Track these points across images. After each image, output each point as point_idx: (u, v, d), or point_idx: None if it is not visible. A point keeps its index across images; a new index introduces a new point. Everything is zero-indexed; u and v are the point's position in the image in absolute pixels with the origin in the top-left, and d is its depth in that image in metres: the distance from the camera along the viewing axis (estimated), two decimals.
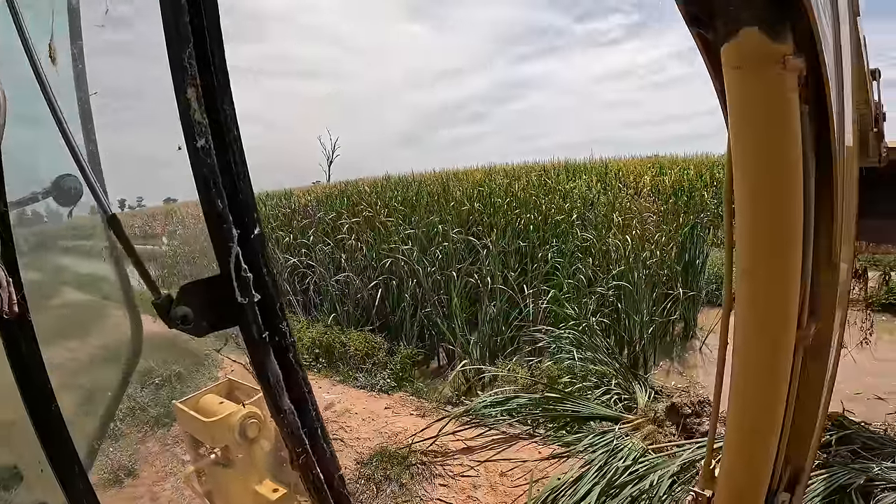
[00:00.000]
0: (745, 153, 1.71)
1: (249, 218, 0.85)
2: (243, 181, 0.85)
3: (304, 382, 0.97)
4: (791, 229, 1.74)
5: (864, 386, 9.15)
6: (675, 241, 13.77)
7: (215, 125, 0.81)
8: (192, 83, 0.79)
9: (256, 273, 0.87)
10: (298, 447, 1.00)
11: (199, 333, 0.87)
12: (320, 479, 1.06)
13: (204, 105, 0.80)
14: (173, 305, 0.85)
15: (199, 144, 0.79)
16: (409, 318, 12.53)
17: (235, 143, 0.83)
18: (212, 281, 0.86)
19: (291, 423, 0.98)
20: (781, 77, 1.56)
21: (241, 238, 0.84)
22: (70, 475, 1.51)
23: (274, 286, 0.90)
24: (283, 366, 0.94)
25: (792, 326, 1.94)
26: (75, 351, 2.76)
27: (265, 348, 0.91)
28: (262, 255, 0.88)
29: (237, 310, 0.87)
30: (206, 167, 0.80)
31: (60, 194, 1.83)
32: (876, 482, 5.57)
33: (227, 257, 0.83)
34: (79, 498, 1.52)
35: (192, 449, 2.67)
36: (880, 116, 4.04)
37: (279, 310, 0.91)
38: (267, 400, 0.95)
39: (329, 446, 1.07)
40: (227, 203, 0.82)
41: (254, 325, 0.88)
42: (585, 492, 5.85)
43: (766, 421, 2.18)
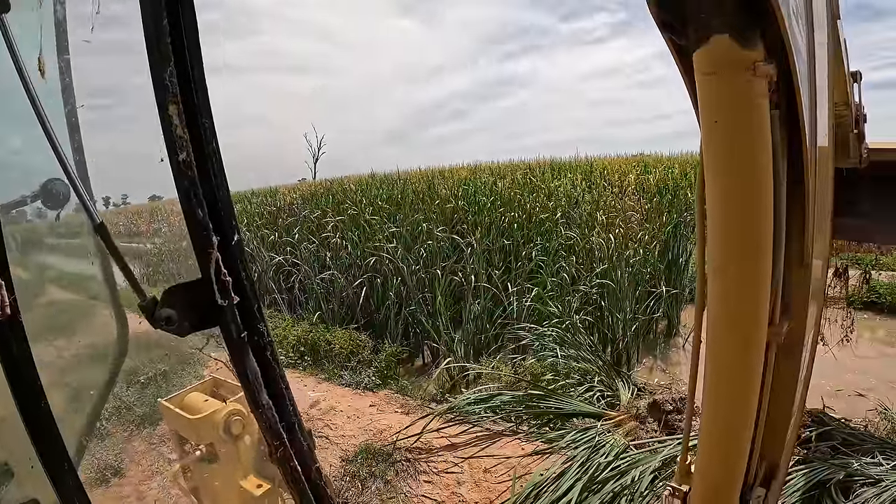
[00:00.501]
0: (716, 157, 1.76)
1: (228, 225, 0.91)
2: (222, 191, 0.90)
3: (281, 379, 1.03)
4: (761, 231, 1.80)
5: (845, 383, 9.26)
6: (659, 239, 13.86)
7: (195, 139, 0.87)
8: (173, 100, 0.84)
9: (235, 277, 0.93)
10: (276, 440, 1.06)
11: (182, 333, 0.93)
12: (298, 471, 1.12)
13: (185, 120, 0.86)
14: (157, 307, 0.91)
15: (181, 158, 0.85)
16: (394, 316, 12.56)
17: (214, 155, 0.89)
18: (194, 284, 0.92)
19: (269, 417, 1.04)
20: (751, 83, 1.61)
21: (221, 244, 0.90)
22: (60, 471, 1.56)
23: (252, 289, 0.96)
24: (261, 363, 1.00)
25: (763, 324, 2.00)
26: (62, 349, 2.79)
27: (244, 347, 0.97)
28: (240, 260, 0.94)
29: (217, 311, 0.93)
30: (188, 179, 0.86)
31: (48, 198, 1.87)
32: (855, 477, 5.63)
33: (208, 262, 0.89)
34: (69, 493, 1.57)
35: (178, 446, 2.72)
36: (861, 118, 4.09)
37: (257, 311, 0.97)
38: (246, 396, 1.01)
39: (306, 440, 1.13)
40: (207, 212, 0.88)
41: (233, 326, 0.95)
42: (568, 487, 5.90)
43: (740, 416, 2.24)
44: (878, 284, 13.10)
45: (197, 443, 2.56)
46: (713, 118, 1.70)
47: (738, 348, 2.04)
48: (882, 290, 13.25)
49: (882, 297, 13.22)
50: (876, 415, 7.28)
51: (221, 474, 2.59)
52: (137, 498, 6.91)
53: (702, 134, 1.78)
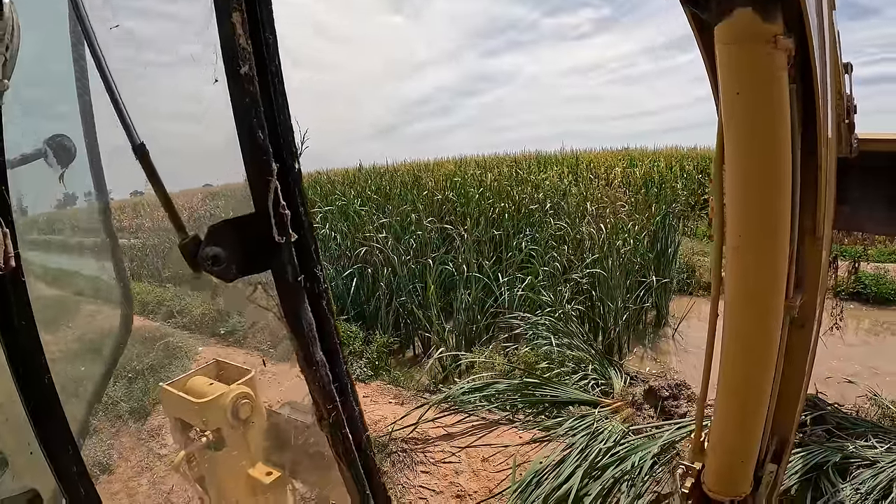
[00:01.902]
0: (736, 128, 1.71)
1: (288, 152, 0.80)
2: (283, 113, 0.79)
3: (336, 334, 0.92)
4: (781, 204, 1.75)
5: (834, 370, 9.34)
6: (648, 230, 13.88)
7: (258, 54, 0.76)
8: (237, 8, 0.73)
9: (294, 211, 0.82)
10: (329, 404, 0.95)
11: (227, 277, 0.81)
12: (349, 439, 1.01)
13: (248, 31, 0.74)
14: (202, 246, 0.79)
15: (243, 71, 0.74)
16: (385, 306, 12.45)
17: (277, 73, 0.78)
18: (246, 219, 0.80)
19: (322, 377, 0.92)
20: (772, 56, 1.57)
21: (280, 172, 0.79)
22: (64, 457, 1.43)
23: (310, 227, 0.85)
24: (316, 314, 0.89)
25: (780, 296, 1.96)
26: (63, 332, 2.68)
27: (300, 293, 0.85)
28: (299, 191, 0.82)
29: (272, 251, 0.82)
30: (249, 95, 0.75)
31: (57, 151, 1.75)
32: (852, 460, 5.67)
33: (266, 192, 0.78)
34: (73, 481, 1.45)
35: (181, 433, 2.59)
36: (851, 108, 4.12)
37: (314, 252, 0.86)
38: (298, 351, 0.89)
39: (357, 404, 1.02)
40: (267, 135, 0.77)
41: (289, 268, 0.83)
42: (569, 474, 5.87)
43: (757, 390, 2.21)
44: (864, 276, 13.34)
45: (203, 429, 2.45)
46: (735, 90, 1.65)
47: (756, 322, 2.01)
48: (868, 281, 13.44)
49: (868, 287, 13.44)
50: (866, 400, 7.33)
51: (228, 462, 2.48)
52: (127, 495, 6.80)
53: (722, 108, 1.74)
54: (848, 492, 5.27)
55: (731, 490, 2.54)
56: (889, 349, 11.02)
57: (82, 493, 1.33)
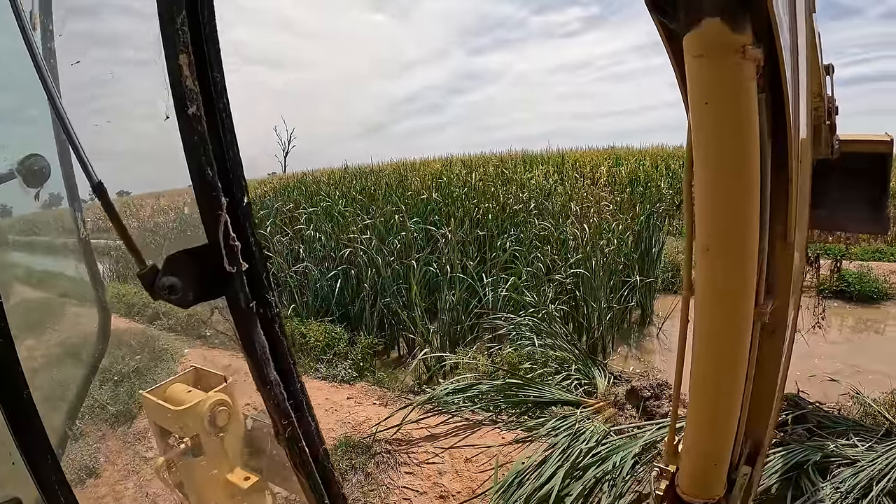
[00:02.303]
0: (705, 138, 1.75)
1: (237, 186, 0.85)
2: (232, 149, 0.84)
3: (289, 354, 0.97)
4: (749, 209, 1.79)
5: (817, 368, 9.41)
6: (632, 229, 13.94)
7: (205, 93, 0.81)
8: (183, 50, 0.78)
9: (244, 242, 0.87)
10: (284, 420, 1.00)
11: (185, 305, 0.86)
12: (306, 452, 1.06)
13: (195, 72, 0.79)
14: (159, 276, 0.84)
15: (191, 111, 0.78)
16: (369, 307, 12.44)
17: (225, 111, 0.83)
18: (199, 250, 0.85)
19: (277, 395, 0.97)
20: (741, 66, 1.60)
21: (229, 206, 0.84)
22: (43, 466, 1.47)
23: (261, 256, 0.90)
24: (269, 337, 0.94)
25: (750, 302, 2.00)
26: (42, 341, 2.70)
27: (252, 318, 0.90)
28: (249, 224, 0.87)
29: (224, 279, 0.87)
30: (197, 134, 0.79)
31: (29, 174, 1.78)
32: (832, 458, 5.74)
33: (216, 226, 0.83)
34: (52, 489, 1.48)
35: (161, 439, 2.63)
36: (833, 109, 4.16)
37: (266, 279, 0.91)
38: (253, 371, 0.95)
39: (313, 420, 1.07)
40: (216, 171, 0.82)
41: (241, 295, 0.88)
42: (550, 474, 5.92)
43: (728, 394, 2.24)
44: (847, 274, 13.42)
45: (181, 435, 2.48)
46: (703, 100, 1.69)
47: (726, 326, 2.04)
48: (851, 280, 13.55)
49: (851, 285, 13.53)
50: (848, 399, 7.38)
51: (207, 467, 2.51)
52: (114, 498, 6.80)
53: (691, 117, 1.77)
54: (828, 491, 5.33)
55: (705, 493, 2.55)
56: (872, 347, 11.12)
57: (62, 501, 1.36)
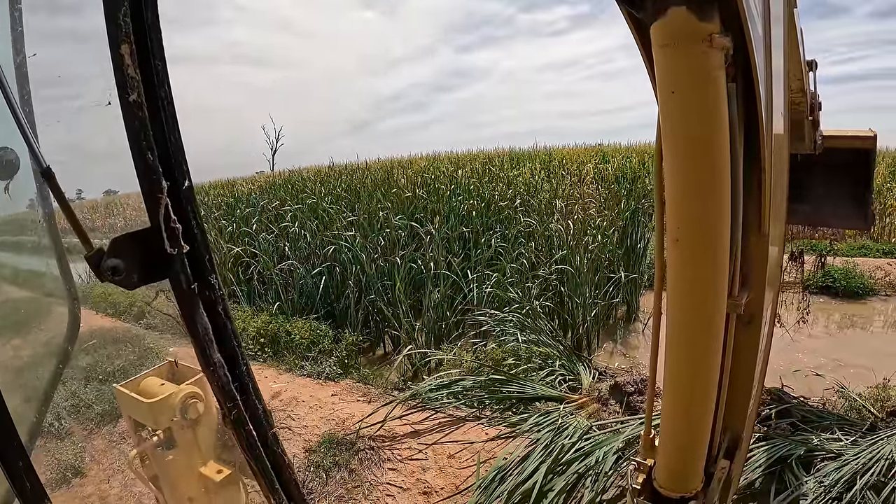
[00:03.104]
0: (673, 127, 1.76)
1: (179, 171, 0.87)
2: (174, 135, 0.86)
3: (234, 336, 0.98)
4: (719, 198, 1.80)
5: (801, 363, 9.48)
6: (617, 226, 13.98)
7: (147, 81, 0.82)
8: (125, 40, 0.80)
9: (186, 224, 0.88)
10: (229, 402, 1.01)
11: (129, 286, 0.88)
12: (253, 436, 1.07)
13: (137, 61, 0.81)
14: (104, 258, 0.86)
15: (132, 98, 0.80)
16: (354, 305, 12.42)
17: (167, 97, 0.85)
18: (142, 233, 0.87)
19: (221, 377, 0.98)
20: (708, 54, 1.62)
21: (170, 190, 0.85)
22: (8, 452, 1.47)
23: (203, 239, 0.91)
24: (212, 318, 0.95)
25: (722, 292, 2.01)
26: (10, 332, 2.70)
27: (194, 300, 0.92)
28: (191, 207, 0.89)
29: (167, 261, 0.88)
30: (138, 120, 0.81)
31: None
32: (816, 452, 5.77)
33: (157, 209, 0.85)
34: (18, 475, 1.49)
35: (135, 432, 2.63)
36: (816, 105, 4.18)
37: (208, 262, 0.93)
38: (197, 353, 0.96)
39: (261, 403, 1.08)
40: (157, 155, 0.83)
41: (182, 277, 0.90)
42: (532, 470, 5.93)
43: (702, 386, 2.24)
44: (832, 269, 13.56)
45: (154, 428, 2.48)
46: (670, 89, 1.70)
47: (697, 316, 2.05)
48: (837, 275, 13.67)
49: (837, 281, 13.66)
50: (833, 393, 7.43)
51: (180, 460, 2.51)
52: (99, 497, 6.77)
53: (659, 107, 1.79)
54: (812, 485, 5.36)
55: (682, 486, 2.54)
56: (856, 342, 11.21)
57: (28, 487, 1.37)
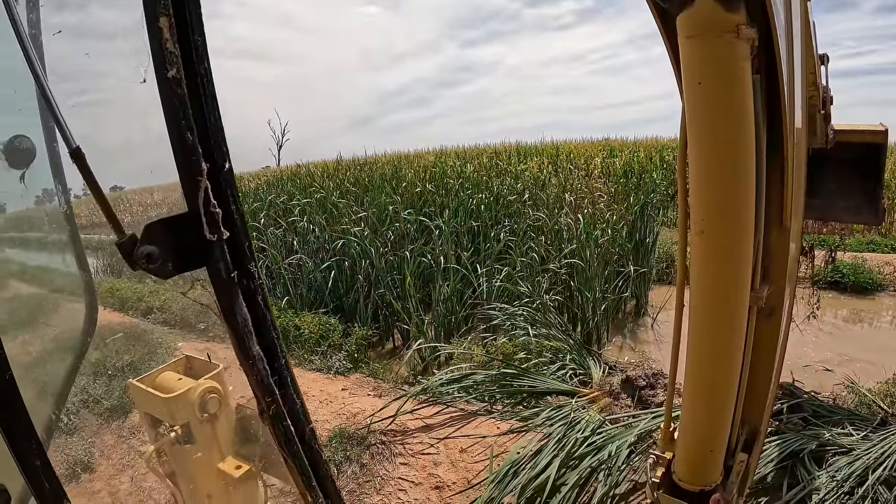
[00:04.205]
0: (699, 119, 1.72)
1: (219, 152, 0.82)
2: (213, 114, 0.81)
3: (273, 328, 0.94)
4: (744, 191, 1.77)
5: (808, 357, 9.43)
6: (626, 220, 13.93)
7: (186, 57, 0.78)
8: (164, 12, 0.75)
9: (226, 210, 0.84)
10: (268, 397, 0.97)
11: (163, 275, 0.83)
12: (291, 432, 1.02)
13: (176, 35, 0.76)
14: (137, 245, 0.81)
15: (171, 74, 0.75)
16: (363, 299, 12.40)
17: (206, 75, 0.80)
18: (178, 219, 0.82)
19: (260, 370, 0.94)
20: (734, 45, 1.58)
21: (210, 172, 0.81)
22: (27, 451, 1.44)
23: (243, 224, 0.87)
24: (251, 309, 0.91)
25: (745, 285, 1.98)
26: (28, 330, 2.67)
27: (234, 289, 0.87)
28: (231, 191, 0.84)
29: (205, 249, 0.84)
30: (177, 97, 0.76)
31: (13, 155, 1.74)
32: (827, 447, 5.74)
33: (196, 192, 0.80)
34: (37, 475, 1.45)
35: (151, 428, 2.59)
36: (827, 99, 4.14)
37: (248, 249, 0.88)
38: (235, 345, 0.91)
39: (299, 397, 1.03)
40: (196, 135, 0.79)
41: (222, 265, 0.85)
42: (545, 464, 5.90)
43: (724, 379, 2.22)
44: (842, 265, 13.45)
45: (171, 424, 2.44)
46: (696, 80, 1.66)
47: (721, 310, 2.02)
48: (846, 270, 13.55)
49: (846, 276, 13.54)
50: (843, 388, 7.38)
51: (198, 456, 2.48)
52: (109, 493, 6.76)
53: (684, 98, 1.75)
54: (824, 479, 5.32)
55: (701, 480, 2.53)
56: (864, 337, 11.14)
57: (46, 487, 1.33)
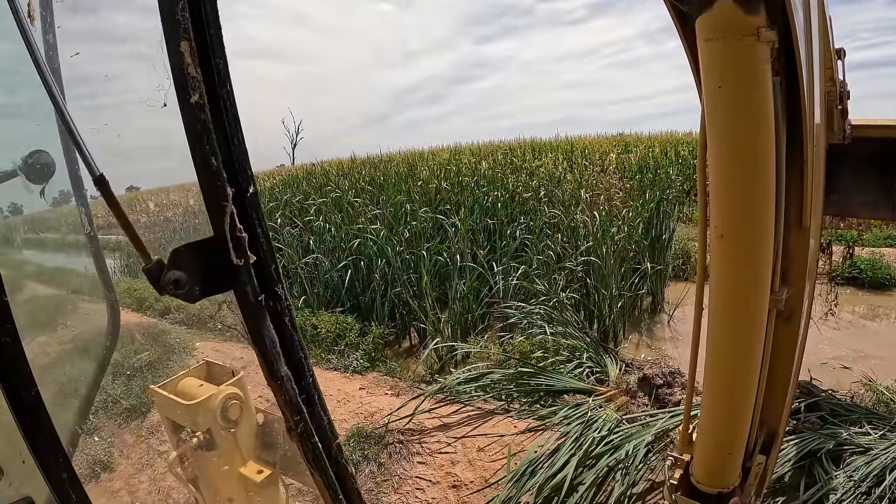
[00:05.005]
0: (720, 122, 1.72)
1: (244, 176, 0.82)
2: (237, 138, 0.81)
3: (300, 348, 0.94)
4: (764, 195, 1.76)
5: (829, 355, 9.35)
6: (642, 216, 13.85)
7: (208, 81, 0.78)
8: (185, 37, 0.75)
9: (252, 234, 0.84)
10: (296, 415, 0.97)
11: (191, 299, 0.83)
12: (318, 448, 1.03)
13: (198, 59, 0.76)
14: (164, 270, 0.81)
15: (194, 100, 0.75)
16: (380, 297, 12.40)
17: (229, 98, 0.80)
18: (205, 243, 0.82)
19: (288, 390, 0.95)
20: (755, 48, 1.57)
21: (235, 197, 0.81)
22: (54, 464, 1.45)
23: (269, 247, 0.87)
24: (279, 331, 0.91)
25: (765, 289, 1.97)
26: (51, 337, 2.69)
27: (261, 312, 0.88)
28: (257, 214, 0.84)
29: (232, 272, 0.84)
30: (200, 123, 0.76)
31: (32, 171, 1.76)
32: (845, 447, 5.69)
33: (223, 217, 0.80)
34: (63, 488, 1.46)
35: (173, 434, 2.61)
36: (845, 94, 4.11)
37: (275, 272, 0.88)
38: (263, 366, 0.92)
39: (326, 414, 1.04)
40: (221, 160, 0.79)
41: (249, 288, 0.85)
42: (563, 463, 5.89)
43: (743, 382, 2.21)
44: (859, 260, 13.29)
45: (193, 430, 2.46)
46: (716, 84, 1.66)
47: (741, 314, 2.01)
48: (864, 266, 13.40)
49: (863, 272, 13.38)
50: (861, 386, 7.32)
51: (220, 462, 2.49)
52: (129, 492, 6.83)
53: (704, 102, 1.74)
54: (841, 479, 5.29)
55: (719, 482, 2.53)
56: (882, 334, 11.01)
57: (73, 499, 1.34)
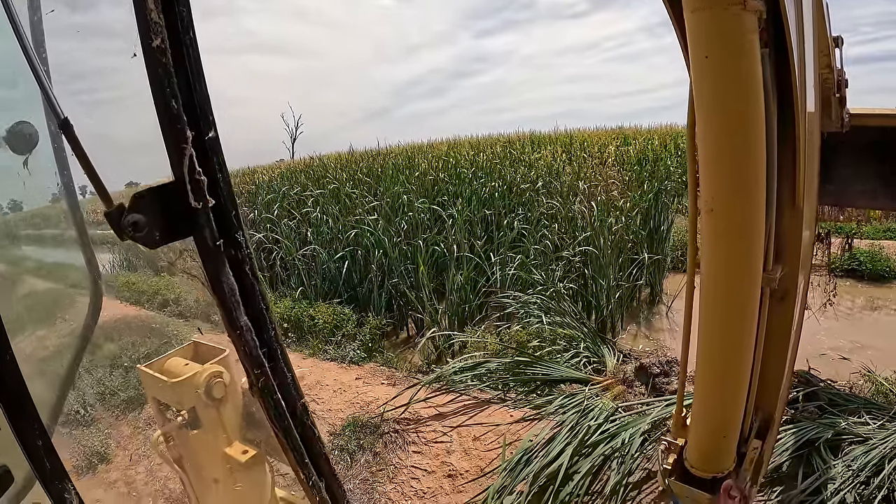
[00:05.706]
0: (707, 93, 1.70)
1: (204, 120, 0.81)
2: (199, 83, 0.80)
3: (261, 299, 0.93)
4: (754, 166, 1.74)
5: (827, 346, 9.35)
6: (641, 207, 13.84)
7: (171, 26, 0.77)
8: None
9: (212, 178, 0.83)
10: (257, 369, 0.95)
11: (150, 243, 0.82)
12: (282, 406, 1.01)
13: (161, 5, 0.76)
14: (124, 214, 0.80)
15: (155, 44, 0.75)
16: (377, 288, 12.42)
17: (192, 44, 0.79)
18: (165, 187, 0.81)
19: (248, 341, 0.93)
20: (741, 17, 1.56)
21: (195, 140, 0.80)
22: (28, 431, 1.44)
23: (230, 193, 0.86)
24: (239, 279, 0.90)
25: (757, 264, 1.94)
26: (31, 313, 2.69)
27: (220, 258, 0.86)
28: (217, 158, 0.83)
29: (191, 217, 0.83)
30: (161, 66, 0.76)
31: (15, 141, 1.75)
32: (843, 436, 5.69)
33: (181, 160, 0.79)
34: (38, 455, 1.45)
35: (159, 413, 2.61)
36: (843, 82, 4.09)
37: (235, 218, 0.87)
38: (222, 315, 0.90)
39: (290, 371, 1.02)
40: (181, 104, 0.78)
41: (208, 232, 0.84)
42: (558, 452, 5.89)
43: (736, 362, 2.18)
44: (858, 252, 13.29)
45: (178, 409, 2.45)
46: (703, 53, 1.64)
47: (732, 289, 1.98)
48: (863, 258, 13.40)
49: (863, 264, 13.38)
50: (859, 377, 7.32)
51: (205, 441, 2.48)
52: (126, 483, 6.83)
53: (692, 72, 1.72)
54: (840, 468, 5.28)
55: (714, 466, 2.49)
56: (881, 325, 11.03)
57: (48, 467, 1.33)
